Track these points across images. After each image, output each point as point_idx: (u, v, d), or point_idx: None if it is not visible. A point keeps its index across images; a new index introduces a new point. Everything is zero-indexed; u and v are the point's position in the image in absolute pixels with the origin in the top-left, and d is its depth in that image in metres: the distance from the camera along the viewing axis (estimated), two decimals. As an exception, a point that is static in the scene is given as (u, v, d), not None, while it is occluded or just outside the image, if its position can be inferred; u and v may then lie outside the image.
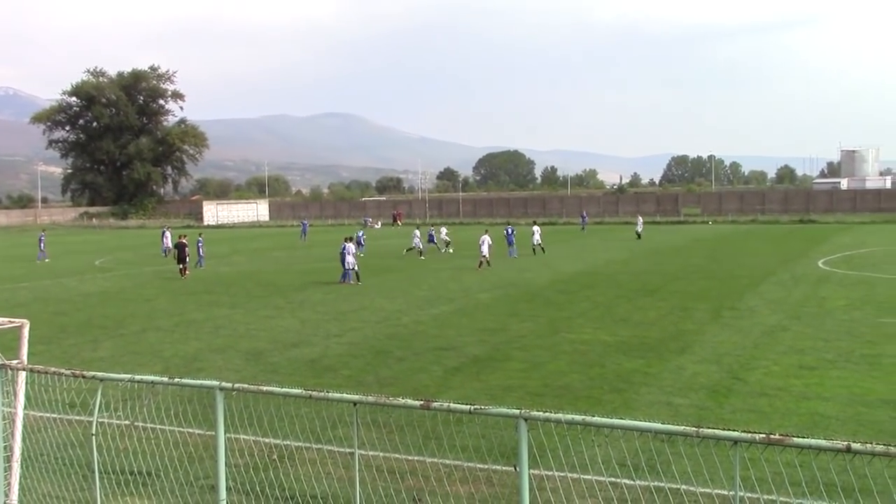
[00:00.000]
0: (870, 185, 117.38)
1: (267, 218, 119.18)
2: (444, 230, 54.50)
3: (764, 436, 5.17)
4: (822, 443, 5.06)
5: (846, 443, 4.92)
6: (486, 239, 40.13)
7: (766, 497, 8.54)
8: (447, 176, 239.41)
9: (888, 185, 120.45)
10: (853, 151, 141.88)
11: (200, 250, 44.31)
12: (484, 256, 39.74)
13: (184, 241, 40.19)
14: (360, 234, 52.91)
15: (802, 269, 36.24)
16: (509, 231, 47.80)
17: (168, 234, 54.90)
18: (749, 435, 5.17)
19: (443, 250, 50.88)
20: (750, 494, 8.48)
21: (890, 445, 4.80)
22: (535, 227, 49.51)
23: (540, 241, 47.71)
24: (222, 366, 18.25)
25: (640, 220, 64.61)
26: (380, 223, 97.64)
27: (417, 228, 52.89)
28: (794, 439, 5.14)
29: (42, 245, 52.75)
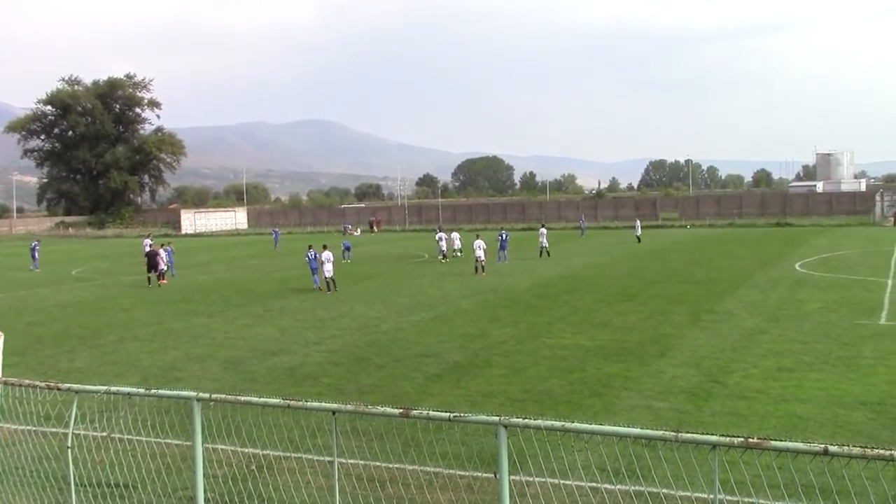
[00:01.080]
0: (845, 187, 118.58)
1: (246, 226, 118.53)
2: (455, 236, 51.53)
3: (742, 439, 5.19)
4: (800, 445, 5.09)
5: (824, 445, 4.94)
6: (481, 244, 39.47)
7: (745, 500, 8.58)
8: (426, 182, 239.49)
9: (863, 187, 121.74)
10: (828, 155, 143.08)
11: (170, 259, 44.07)
12: (480, 261, 39.07)
13: (156, 249, 40.29)
14: (347, 242, 53.59)
15: (780, 271, 36.52)
16: (503, 236, 47.11)
17: (148, 241, 55.35)
18: (728, 439, 5.19)
19: (440, 257, 49.75)
20: (729, 497, 8.51)
21: (867, 448, 4.83)
22: (543, 230, 49.26)
23: (547, 245, 47.66)
24: (201, 375, 18.11)
25: (639, 223, 64.86)
26: (359, 230, 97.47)
27: (442, 231, 51.26)
28: (773, 442, 5.16)
29: (36, 254, 53.53)
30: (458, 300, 29.81)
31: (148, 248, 53.35)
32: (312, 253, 34.80)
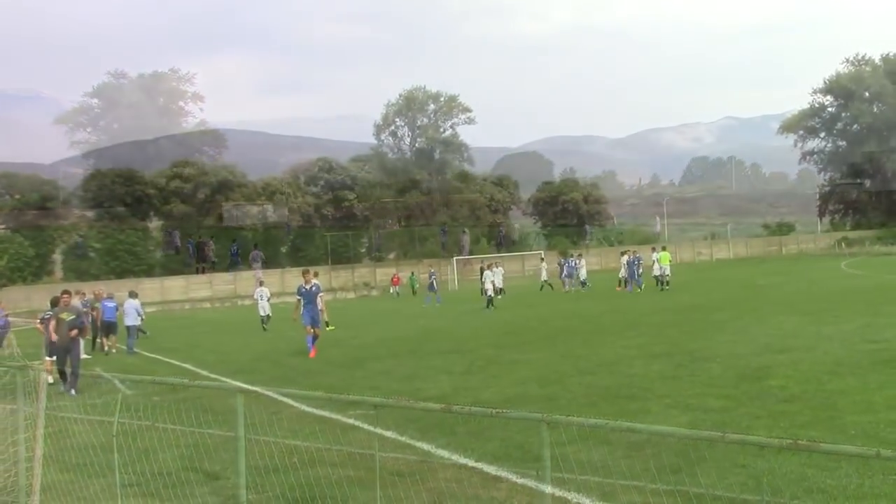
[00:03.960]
0: None
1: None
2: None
3: (791, 441, 5.10)
4: (851, 448, 4.99)
5: (876, 449, 4.84)
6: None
7: (792, 502, 8.44)
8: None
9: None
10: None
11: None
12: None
13: (205, 240, 41.37)
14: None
15: (825, 272, 35.94)
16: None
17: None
18: (777, 440, 5.11)
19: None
20: (776, 500, 8.37)
21: (921, 452, 4.72)
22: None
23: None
24: (245, 367, 18.32)
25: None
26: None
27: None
28: (822, 445, 5.06)
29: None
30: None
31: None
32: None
